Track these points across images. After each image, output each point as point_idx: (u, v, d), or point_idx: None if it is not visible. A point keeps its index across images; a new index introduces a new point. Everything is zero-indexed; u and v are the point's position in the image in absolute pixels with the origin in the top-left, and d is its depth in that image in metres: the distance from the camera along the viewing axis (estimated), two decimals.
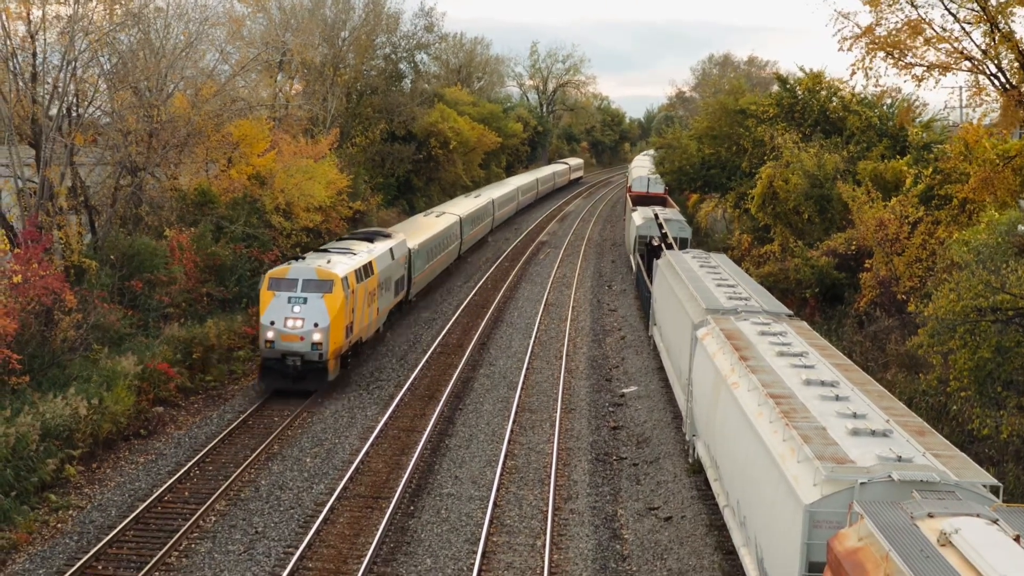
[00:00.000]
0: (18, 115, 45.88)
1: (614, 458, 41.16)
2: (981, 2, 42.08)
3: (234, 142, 61.80)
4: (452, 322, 63.73)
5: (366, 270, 51.24)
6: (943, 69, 46.76)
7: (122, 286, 47.60)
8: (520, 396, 48.34)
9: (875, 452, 23.00)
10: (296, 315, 45.78)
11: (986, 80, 46.91)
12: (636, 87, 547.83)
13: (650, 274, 62.10)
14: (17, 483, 32.99)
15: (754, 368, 31.09)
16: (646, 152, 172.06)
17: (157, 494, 34.62)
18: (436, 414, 44.85)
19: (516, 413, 45.77)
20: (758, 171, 68.25)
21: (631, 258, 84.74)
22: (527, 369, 53.27)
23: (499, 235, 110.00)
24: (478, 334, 60.74)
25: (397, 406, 46.02)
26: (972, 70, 46.57)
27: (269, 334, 45.95)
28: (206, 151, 59.10)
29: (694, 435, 38.04)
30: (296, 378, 46.11)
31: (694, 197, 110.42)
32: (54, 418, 35.61)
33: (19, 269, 40.01)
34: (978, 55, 45.93)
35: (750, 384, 29.97)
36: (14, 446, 33.41)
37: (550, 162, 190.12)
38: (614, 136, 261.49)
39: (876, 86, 52.45)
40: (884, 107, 70.57)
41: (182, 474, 36.75)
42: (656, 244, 70.90)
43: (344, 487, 36.30)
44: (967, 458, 23.50)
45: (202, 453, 38.96)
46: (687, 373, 40.14)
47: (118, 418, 39.43)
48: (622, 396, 49.55)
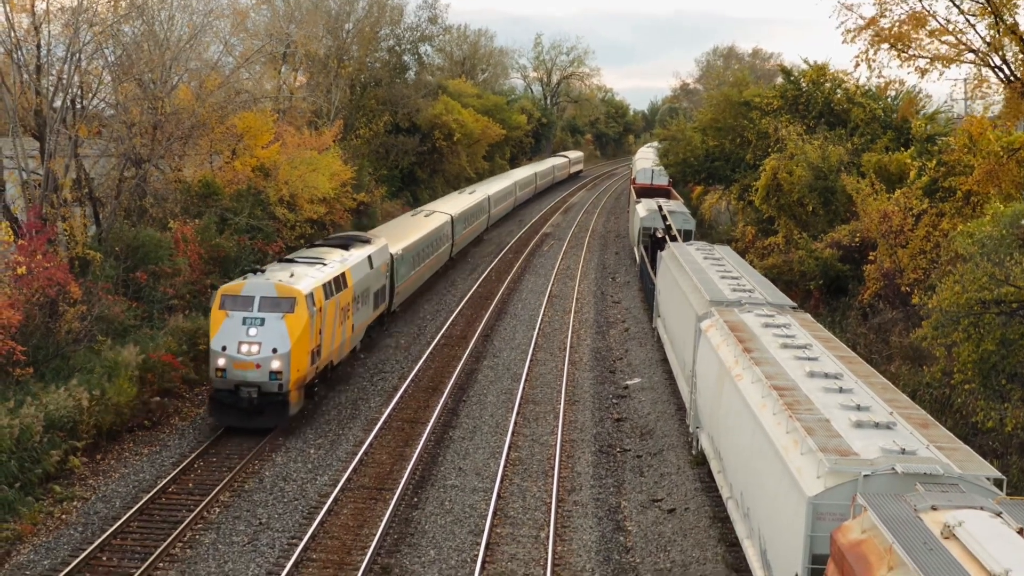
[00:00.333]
0: (22, 107, 45.91)
1: (618, 450, 41.18)
2: None
3: (238, 134, 61.79)
4: (456, 314, 63.73)
5: (338, 283, 45.21)
6: (947, 61, 46.75)
7: (126, 278, 47.61)
8: (524, 388, 48.35)
9: (879, 444, 23.01)
10: (252, 339, 40.04)
11: (990, 72, 46.90)
12: (640, 79, 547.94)
13: (654, 266, 62.09)
14: (21, 474, 33.03)
15: (758, 360, 31.10)
16: (650, 144, 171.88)
17: (161, 485, 34.65)
18: (440, 405, 44.87)
19: (520, 405, 45.78)
20: (762, 163, 68.22)
21: (635, 250, 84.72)
22: (531, 361, 53.27)
23: (495, 233, 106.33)
24: (482, 326, 60.74)
25: (401, 397, 46.04)
26: (976, 62, 46.55)
27: (220, 361, 40.04)
28: (210, 143, 59.12)
29: (698, 427, 38.06)
30: (252, 413, 40.13)
31: (698, 189, 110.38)
32: (57, 409, 35.61)
33: (23, 261, 40.03)
34: (982, 47, 45.91)
35: (754, 376, 29.97)
36: (18, 437, 33.43)
37: (554, 154, 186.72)
38: (618, 128, 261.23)
39: (879, 78, 52.48)
40: (888, 99, 70.54)
41: (186, 465, 36.78)
42: (660, 236, 70.91)
43: (348, 478, 36.33)
44: (971, 451, 23.51)
45: (206, 444, 39.00)
46: (691, 365, 40.14)
47: (121, 409, 39.43)
48: (626, 388, 49.56)
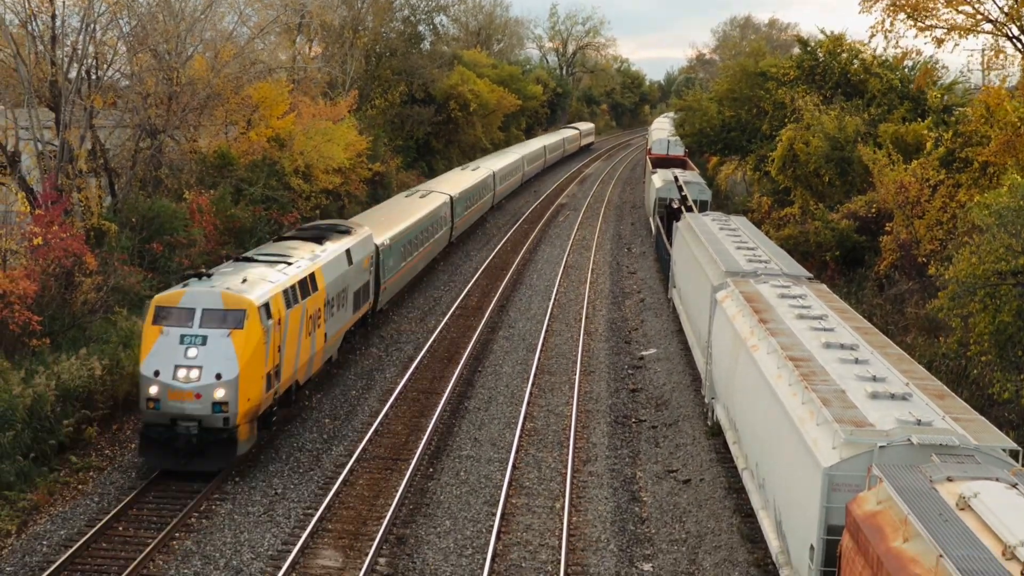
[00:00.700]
0: (37, 78, 45.92)
1: (633, 421, 41.19)
2: None
3: (253, 105, 61.78)
4: (472, 284, 63.71)
5: (304, 286, 38.10)
6: (964, 31, 46.55)
7: (142, 248, 47.66)
8: (539, 358, 48.35)
9: (894, 415, 22.97)
10: (191, 362, 32.68)
11: (1007, 43, 46.70)
12: (656, 49, 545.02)
13: (670, 237, 61.98)
14: (36, 445, 33.08)
15: (773, 331, 31.05)
16: (666, 114, 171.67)
17: None
18: (455, 376, 44.90)
19: (535, 375, 45.78)
20: (778, 134, 68.12)
21: (651, 221, 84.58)
22: (546, 331, 53.24)
23: (510, 204, 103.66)
24: (497, 296, 60.71)
25: (416, 368, 46.07)
26: (993, 32, 46.36)
27: (152, 389, 32.70)
28: (225, 114, 59.10)
29: (713, 398, 38.05)
30: (191, 453, 32.73)
31: (714, 160, 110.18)
32: (71, 379, 35.60)
33: (39, 231, 40.10)
34: (1000, 17, 45.71)
35: (769, 347, 29.93)
36: (31, 407, 33.43)
37: (565, 125, 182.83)
38: (634, 98, 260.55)
39: (896, 48, 52.26)
40: (905, 70, 70.26)
41: None
42: (676, 207, 70.74)
43: (363, 449, 36.41)
44: (987, 422, 23.46)
45: None
46: (706, 336, 40.10)
47: (136, 379, 39.46)
48: (641, 359, 49.54)
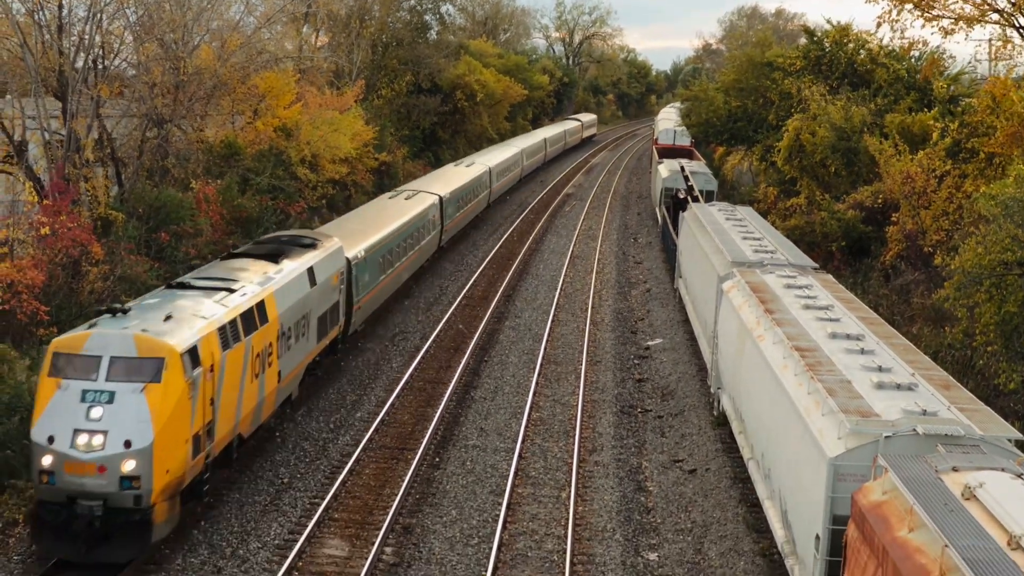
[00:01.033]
0: (44, 67, 45.92)
1: (639, 410, 41.23)
2: None
3: (260, 94, 61.82)
4: (478, 274, 63.72)
5: (250, 319, 31.70)
6: (971, 21, 46.49)
7: (149, 238, 47.69)
8: (545, 348, 48.37)
9: (900, 406, 22.99)
10: (94, 425, 25.75)
11: (1014, 33, 46.64)
12: (663, 39, 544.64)
13: (676, 227, 61.99)
14: None
15: (779, 321, 31.06)
16: (672, 104, 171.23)
17: None
18: (462, 366, 44.94)
19: (541, 365, 45.81)
20: (785, 124, 68.03)
21: (657, 211, 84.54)
22: (552, 321, 53.26)
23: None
24: (503, 286, 60.71)
25: (423, 358, 46.10)
26: (1000, 22, 46.30)
27: (46, 460, 25.85)
28: (232, 103, 59.14)
29: (719, 388, 38.08)
30: (94, 539, 25.74)
31: (720, 150, 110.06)
32: None
33: (47, 221, 40.16)
34: (1007, 7, 45.65)
35: (775, 337, 29.94)
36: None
37: (566, 117, 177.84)
38: (640, 88, 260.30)
39: (902, 38, 52.25)
40: (912, 60, 70.19)
41: None
42: (682, 197, 70.71)
43: (370, 438, 36.46)
44: (992, 412, 23.47)
45: None
46: (712, 326, 40.13)
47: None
48: (647, 349, 49.57)
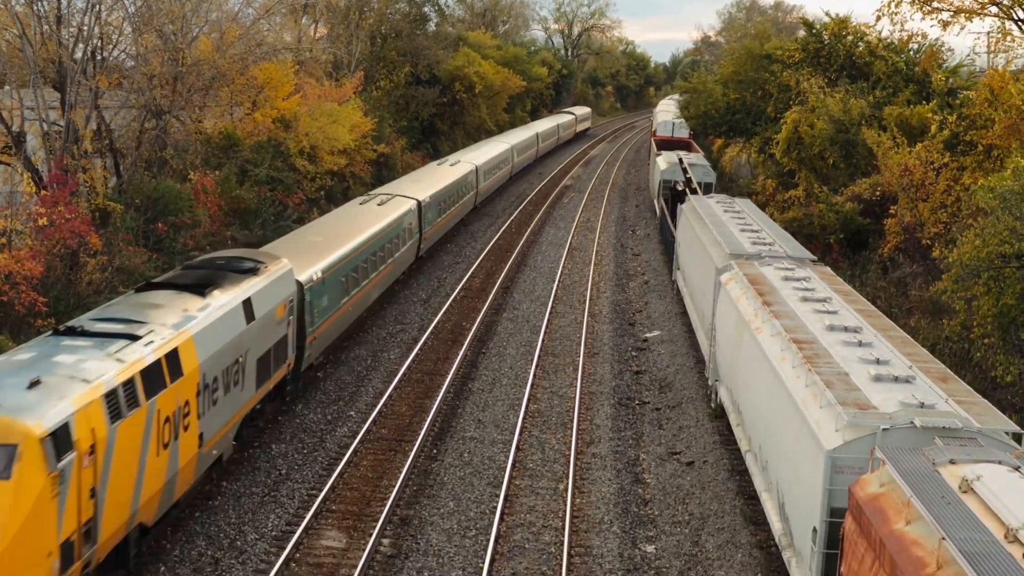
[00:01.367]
0: (43, 58, 45.91)
1: (636, 402, 41.25)
2: None
3: (259, 85, 61.82)
4: (476, 266, 63.73)
5: (154, 375, 25.51)
6: (970, 14, 46.51)
7: (147, 229, 47.73)
8: (543, 340, 48.38)
9: (898, 398, 23.01)
10: None
11: (1013, 26, 46.64)
12: (662, 31, 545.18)
13: (674, 219, 62.00)
14: None
15: (777, 313, 31.09)
16: (671, 96, 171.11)
17: None
18: (459, 358, 44.95)
19: (539, 357, 45.82)
20: (783, 116, 68.07)
21: (655, 203, 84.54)
22: (550, 313, 53.26)
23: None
24: (501, 278, 60.72)
25: (420, 349, 46.11)
26: (999, 15, 46.31)
27: None
28: (231, 94, 59.14)
29: (717, 380, 38.11)
30: None
31: (719, 142, 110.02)
32: None
33: (45, 212, 40.17)
34: (1006, 0, 45.63)
35: (773, 329, 29.97)
36: None
37: (559, 111, 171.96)
38: (639, 81, 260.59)
39: (901, 31, 52.24)
40: (910, 52, 70.23)
41: None
42: (680, 189, 70.75)
43: (367, 430, 36.46)
44: (990, 405, 23.50)
45: None
46: (710, 318, 40.15)
47: None
48: (645, 341, 49.59)
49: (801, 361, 26.27)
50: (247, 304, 31.87)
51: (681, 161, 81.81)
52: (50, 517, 21.05)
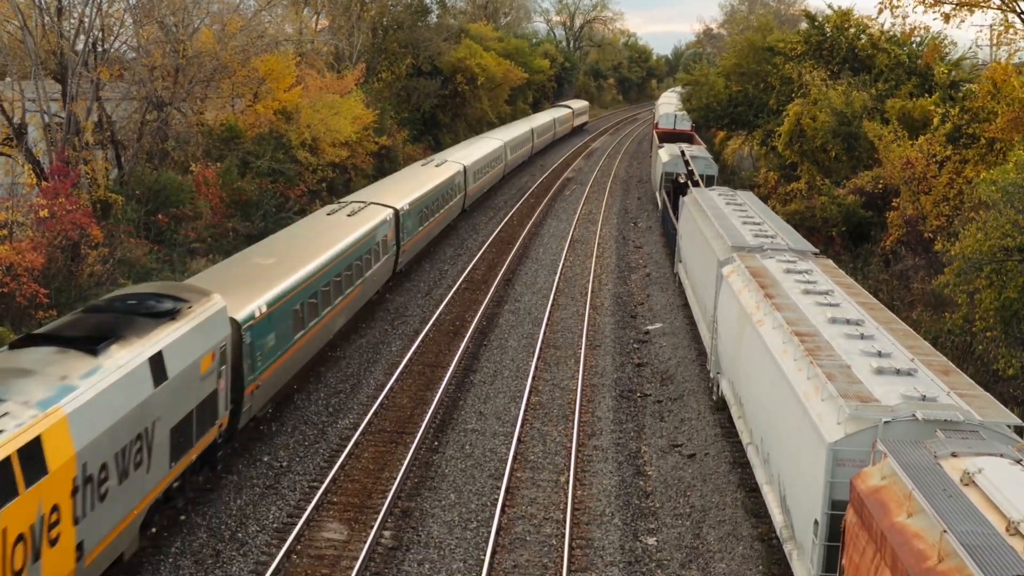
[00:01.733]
0: (44, 49, 45.91)
1: (638, 395, 41.23)
2: None
3: (260, 77, 61.79)
4: (477, 258, 63.67)
5: None
6: (972, 7, 46.41)
7: (148, 221, 47.73)
8: (545, 332, 48.35)
9: (899, 391, 22.99)
10: None
11: (1016, 18, 46.55)
12: (664, 23, 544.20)
13: (676, 211, 61.95)
14: None
15: (779, 306, 31.05)
16: (673, 89, 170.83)
17: None
18: (461, 350, 44.92)
19: (541, 349, 45.79)
20: (785, 108, 67.99)
21: (657, 195, 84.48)
22: (552, 305, 53.23)
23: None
24: (503, 270, 60.67)
25: (422, 341, 46.07)
26: (1002, 7, 46.21)
27: None
28: (232, 86, 59.13)
29: (718, 372, 38.09)
30: None
31: (721, 134, 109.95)
32: None
33: (46, 203, 40.18)
34: None
35: (775, 322, 29.94)
36: None
37: (555, 104, 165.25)
38: (641, 73, 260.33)
39: (903, 24, 52.19)
40: (913, 45, 70.16)
41: None
42: (682, 181, 70.68)
43: (369, 422, 36.45)
44: (991, 398, 23.46)
45: None
46: (712, 310, 40.12)
47: None
48: (647, 333, 49.55)
49: (803, 354, 26.25)
50: (156, 361, 24.89)
51: (683, 153, 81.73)
52: None
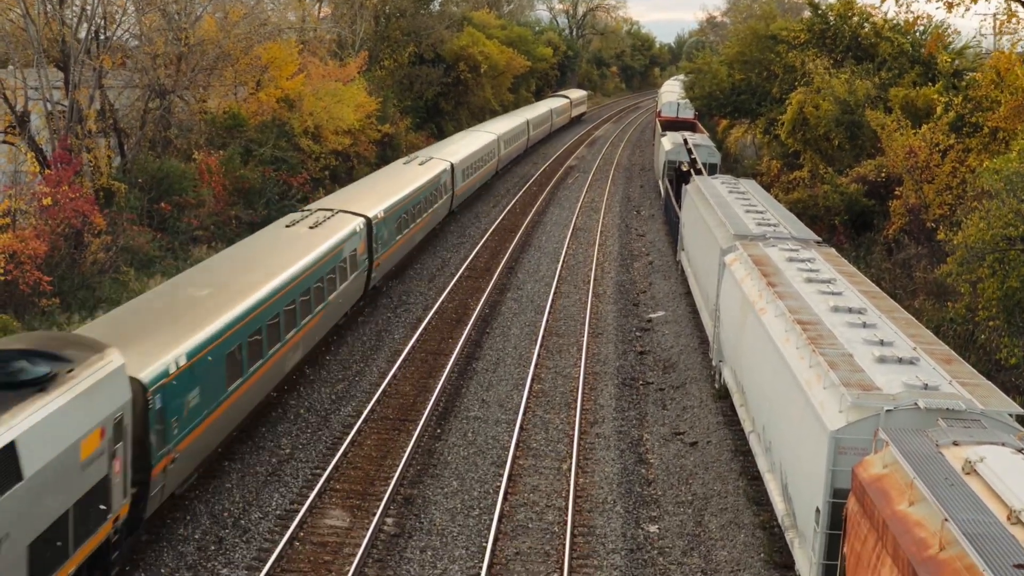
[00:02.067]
0: (46, 38, 45.91)
1: (640, 383, 41.25)
2: None
3: (263, 65, 61.79)
4: (480, 246, 63.65)
5: None
6: None
7: (151, 209, 47.78)
8: (547, 320, 48.36)
9: (901, 379, 22.99)
10: None
11: (1019, 7, 46.46)
12: (667, 11, 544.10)
13: (679, 199, 61.93)
14: None
15: (782, 294, 31.05)
16: (676, 77, 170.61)
17: None
18: (464, 337, 44.92)
19: (543, 337, 45.80)
20: (788, 97, 67.92)
21: (660, 183, 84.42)
22: (554, 293, 53.24)
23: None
24: (506, 258, 60.66)
25: (425, 329, 46.08)
26: None
27: None
28: (235, 74, 59.12)
29: (720, 360, 38.10)
30: None
31: (724, 123, 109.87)
32: None
33: (49, 191, 40.22)
34: None
35: (777, 310, 29.94)
36: None
37: (554, 93, 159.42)
38: (644, 61, 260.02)
39: (907, 12, 52.12)
40: (916, 34, 70.06)
41: None
42: (685, 169, 70.64)
43: (371, 409, 36.47)
44: (994, 387, 23.46)
45: None
46: (714, 298, 40.13)
47: None
48: (649, 321, 49.56)
49: (805, 342, 26.26)
50: (7, 455, 18.32)
51: (686, 142, 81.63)
52: None
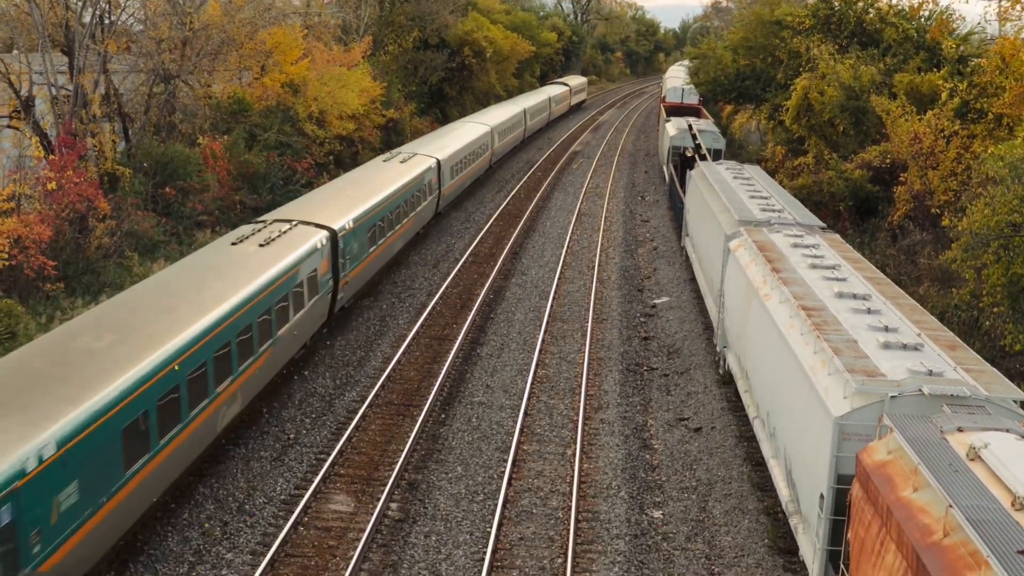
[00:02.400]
0: (51, 22, 45.88)
1: (645, 368, 41.26)
2: None
3: (267, 50, 61.75)
4: (485, 231, 63.64)
5: None
6: None
7: (155, 193, 47.77)
8: (552, 305, 48.37)
9: (906, 366, 22.99)
10: None
11: None
12: None
13: (683, 185, 61.87)
14: None
15: (786, 280, 31.05)
16: (681, 63, 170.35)
17: None
18: (468, 323, 44.93)
19: (548, 323, 45.81)
20: (793, 83, 67.85)
21: (664, 169, 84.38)
22: (559, 279, 53.23)
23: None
24: (510, 243, 60.65)
25: (429, 314, 46.10)
26: None
27: None
28: (239, 59, 59.09)
29: (725, 346, 38.10)
30: None
31: (728, 108, 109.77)
32: None
33: (53, 176, 40.23)
34: None
35: (782, 296, 29.94)
36: None
37: (551, 81, 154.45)
38: (648, 47, 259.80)
39: None
40: (921, 20, 69.93)
41: None
42: (690, 155, 70.56)
43: (376, 394, 36.51)
44: (998, 373, 23.45)
45: None
46: (719, 284, 40.12)
47: None
48: (653, 307, 49.56)
49: (809, 328, 26.26)
50: None
51: (691, 127, 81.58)
52: None
